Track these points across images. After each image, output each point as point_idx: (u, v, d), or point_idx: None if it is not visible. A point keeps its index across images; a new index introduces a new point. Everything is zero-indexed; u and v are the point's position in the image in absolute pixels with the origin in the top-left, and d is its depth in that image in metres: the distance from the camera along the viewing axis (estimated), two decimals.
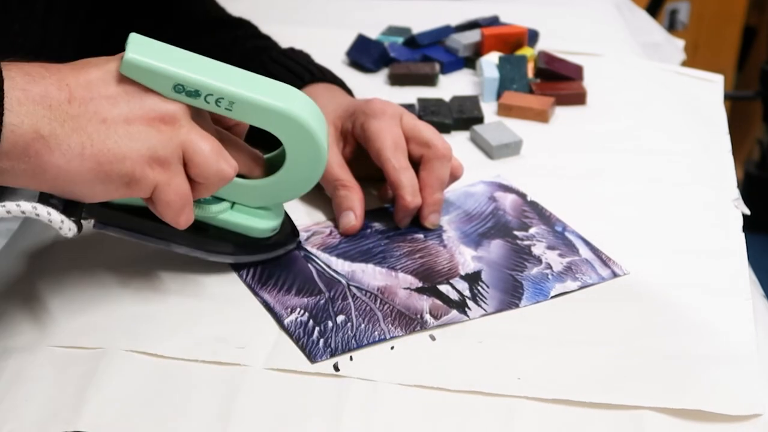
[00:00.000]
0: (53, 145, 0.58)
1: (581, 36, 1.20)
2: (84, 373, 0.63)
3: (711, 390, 0.61)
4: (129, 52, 0.61)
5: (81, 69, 0.61)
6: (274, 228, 0.72)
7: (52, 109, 0.58)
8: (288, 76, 0.88)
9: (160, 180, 0.62)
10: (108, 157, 0.60)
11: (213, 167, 0.63)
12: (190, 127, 0.63)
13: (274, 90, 0.66)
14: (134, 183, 0.61)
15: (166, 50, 0.64)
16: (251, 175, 0.70)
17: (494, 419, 0.60)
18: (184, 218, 0.64)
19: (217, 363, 0.64)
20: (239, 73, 0.66)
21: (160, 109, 0.62)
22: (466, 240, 0.77)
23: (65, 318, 0.67)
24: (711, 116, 1.00)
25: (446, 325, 0.68)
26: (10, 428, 0.59)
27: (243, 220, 0.70)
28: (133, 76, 0.61)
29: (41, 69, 0.60)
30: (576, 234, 0.78)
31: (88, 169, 0.60)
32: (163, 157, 0.61)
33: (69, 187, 0.61)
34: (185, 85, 0.62)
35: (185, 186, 0.63)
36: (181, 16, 0.95)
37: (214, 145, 0.63)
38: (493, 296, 0.71)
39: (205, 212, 0.69)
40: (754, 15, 2.50)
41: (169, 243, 0.69)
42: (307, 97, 0.68)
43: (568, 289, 0.72)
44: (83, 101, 0.60)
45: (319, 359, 0.64)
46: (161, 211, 0.63)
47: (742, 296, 0.71)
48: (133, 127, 0.61)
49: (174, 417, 0.60)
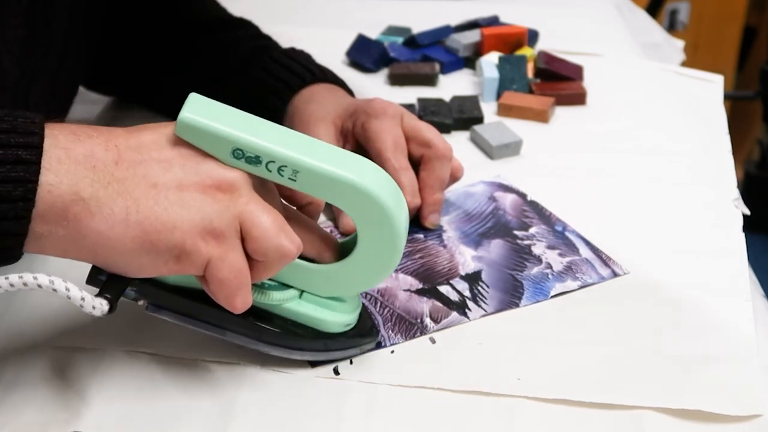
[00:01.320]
0: (94, 209, 0.53)
1: (581, 36, 1.20)
2: (84, 373, 0.63)
3: (711, 390, 0.61)
4: (185, 112, 0.56)
5: (134, 131, 0.57)
6: (349, 323, 0.64)
7: (96, 171, 0.53)
8: (289, 76, 0.88)
9: (214, 254, 0.55)
10: (155, 226, 0.54)
11: (273, 242, 0.56)
12: (251, 197, 0.56)
13: (345, 160, 0.58)
14: (185, 256, 0.55)
15: (226, 111, 0.57)
16: (321, 259, 0.63)
17: (494, 419, 0.60)
18: (240, 300, 0.57)
19: (217, 363, 0.64)
20: (307, 141, 0.59)
21: (218, 175, 0.56)
22: (466, 240, 0.77)
23: (65, 318, 0.67)
24: (711, 116, 1.00)
25: (455, 326, 0.68)
26: (10, 428, 0.59)
27: (312, 311, 0.62)
28: (189, 138, 0.56)
29: (89, 129, 0.55)
30: (576, 234, 0.78)
31: (133, 237, 0.54)
32: (218, 228, 0.55)
33: (112, 257, 0.55)
34: (245, 149, 0.56)
35: (242, 263, 0.56)
36: (181, 17, 0.95)
37: (276, 218, 0.56)
38: (493, 296, 0.71)
39: (267, 299, 0.61)
40: (754, 15, 2.50)
41: (226, 332, 0.61)
42: (383, 172, 0.60)
43: (568, 288, 0.72)
44: (132, 164, 0.55)
45: (318, 364, 0.64)
46: (214, 291, 0.57)
47: (742, 296, 0.71)
48: (187, 194, 0.55)
49: (174, 418, 0.60)
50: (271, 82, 0.88)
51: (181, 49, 0.94)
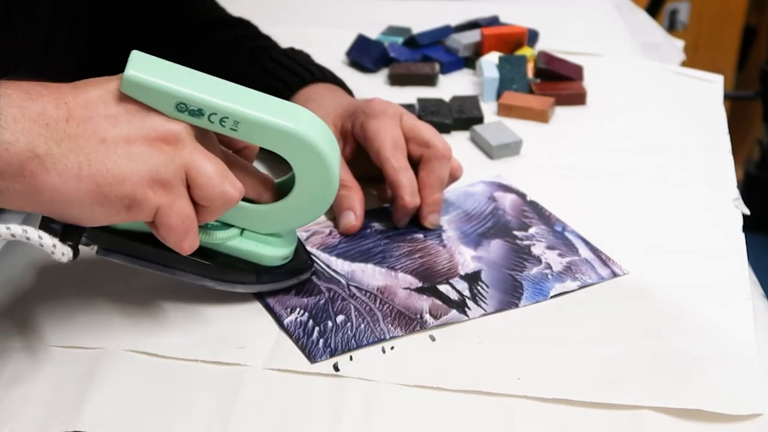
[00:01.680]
0: (49, 165, 0.56)
1: (581, 36, 1.20)
2: (84, 373, 0.63)
3: (711, 390, 0.61)
4: (129, 69, 0.59)
5: (81, 88, 0.59)
6: (286, 256, 0.69)
7: (49, 128, 0.56)
8: (288, 76, 0.88)
9: (162, 202, 0.59)
10: (107, 178, 0.57)
11: (217, 189, 0.60)
12: (194, 147, 0.60)
13: (281, 109, 0.63)
14: (135, 205, 0.59)
15: (168, 68, 0.61)
16: (260, 200, 0.67)
17: (494, 419, 0.60)
18: (188, 243, 0.61)
19: (217, 363, 0.64)
20: (245, 92, 0.63)
21: (163, 128, 0.59)
22: (465, 240, 0.77)
23: (65, 318, 0.67)
24: (711, 116, 1.00)
25: (446, 325, 0.68)
26: (10, 428, 0.59)
27: (252, 247, 0.67)
28: (134, 94, 0.59)
29: (40, 87, 0.58)
30: (576, 234, 0.78)
31: (86, 191, 0.57)
32: (165, 178, 0.59)
33: (66, 210, 0.58)
34: (188, 103, 0.60)
35: (189, 209, 0.60)
36: (181, 17, 0.95)
37: (219, 166, 0.60)
38: (492, 296, 0.71)
39: (211, 238, 0.66)
40: (754, 15, 2.50)
41: (175, 270, 0.66)
42: (317, 117, 0.65)
43: (567, 288, 0.72)
44: (82, 120, 0.58)
45: (318, 359, 0.64)
46: (164, 236, 0.61)
47: (742, 296, 0.71)
48: (134, 147, 0.58)
49: (174, 417, 0.60)
50: (271, 81, 0.88)
51: (181, 49, 0.93)
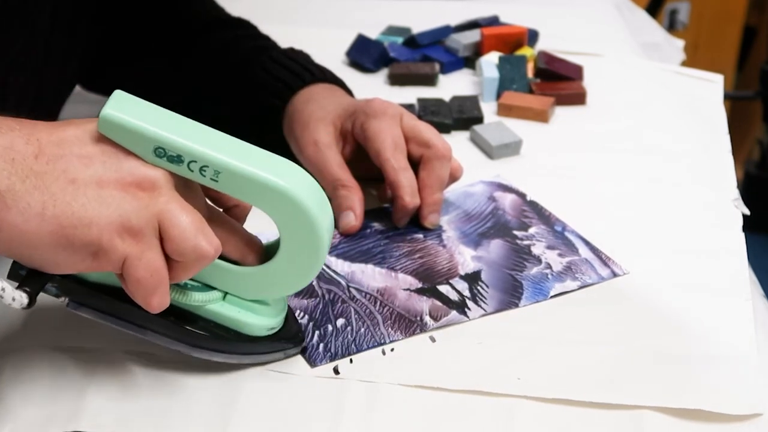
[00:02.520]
0: (10, 202, 0.52)
1: (581, 36, 1.20)
2: (84, 373, 0.63)
3: (711, 390, 0.61)
4: (107, 108, 0.55)
5: (58, 126, 0.56)
6: (272, 327, 0.63)
7: (15, 163, 0.53)
8: (288, 76, 0.88)
9: (131, 252, 0.55)
10: (71, 221, 0.53)
11: (191, 242, 0.55)
12: (170, 196, 0.56)
13: (269, 162, 0.58)
14: (101, 253, 0.55)
15: (150, 110, 0.57)
16: (245, 262, 0.62)
17: (494, 419, 0.60)
18: (156, 300, 0.56)
19: (217, 363, 0.64)
20: (232, 142, 0.58)
21: (139, 173, 0.55)
22: (465, 240, 0.77)
23: (65, 318, 0.67)
24: (711, 116, 1.00)
25: (446, 326, 0.68)
26: (10, 428, 0.59)
27: (235, 313, 0.62)
28: (111, 135, 0.55)
29: (11, 122, 0.55)
30: (575, 234, 0.78)
31: (49, 232, 0.53)
32: (136, 226, 0.55)
33: (28, 251, 0.54)
34: (166, 148, 0.55)
35: (159, 262, 0.56)
36: (180, 17, 0.95)
37: (195, 218, 0.56)
38: (492, 296, 0.71)
39: (188, 299, 0.60)
40: (754, 15, 2.50)
41: (146, 331, 0.61)
42: (308, 175, 0.60)
43: (567, 288, 0.72)
44: (52, 158, 0.54)
45: (318, 364, 0.64)
46: (131, 289, 0.56)
47: (742, 296, 0.71)
48: (106, 191, 0.55)
49: (174, 417, 0.60)
50: (271, 82, 0.88)
51: (181, 50, 0.94)
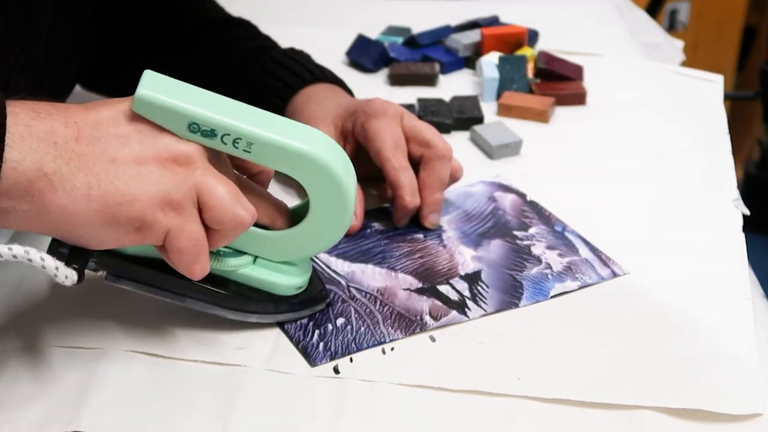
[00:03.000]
0: (57, 184, 0.55)
1: (581, 36, 1.20)
2: (84, 373, 0.63)
3: (711, 390, 0.61)
4: (141, 89, 0.58)
5: (92, 108, 0.58)
6: (300, 286, 0.67)
7: (58, 147, 0.55)
8: (289, 75, 0.88)
9: (173, 224, 0.58)
10: (116, 199, 0.56)
11: (228, 211, 0.58)
12: (206, 169, 0.59)
13: (297, 131, 0.61)
14: (145, 227, 0.57)
15: (181, 87, 0.60)
16: (274, 226, 0.65)
17: (494, 419, 0.60)
18: (198, 267, 0.59)
19: (217, 363, 0.64)
20: (260, 114, 0.61)
21: (174, 149, 0.58)
22: (465, 240, 0.77)
23: (65, 318, 0.67)
24: (711, 116, 1.00)
25: (446, 326, 0.68)
26: (10, 428, 0.59)
27: (266, 275, 0.65)
28: (146, 114, 0.58)
29: (49, 107, 0.57)
30: (575, 234, 0.78)
31: (95, 211, 0.56)
32: (176, 200, 0.57)
33: (75, 231, 0.57)
34: (200, 123, 0.58)
35: (200, 232, 0.59)
36: (181, 17, 0.95)
37: (231, 188, 0.59)
38: (492, 296, 0.71)
39: (222, 265, 0.63)
40: (754, 15, 2.50)
41: (185, 298, 0.64)
42: (332, 140, 0.63)
43: (567, 288, 0.72)
44: (91, 140, 0.56)
45: (319, 363, 0.64)
46: (174, 260, 0.59)
47: (742, 296, 0.71)
48: (145, 168, 0.57)
49: (174, 417, 0.60)
50: (271, 81, 0.88)
51: (181, 49, 0.94)
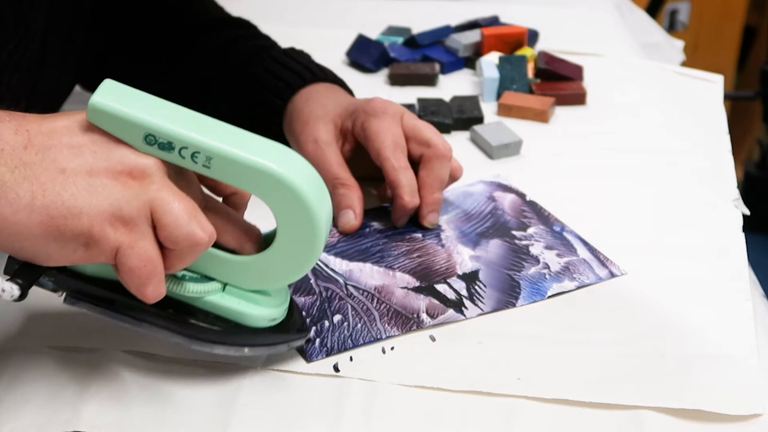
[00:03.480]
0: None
1: (581, 36, 1.20)
2: (84, 373, 0.63)
3: (711, 390, 0.61)
4: (96, 96, 0.54)
5: (47, 117, 0.56)
6: (274, 317, 0.61)
7: (4, 154, 0.52)
8: (289, 75, 0.88)
9: (123, 241, 0.54)
10: (62, 211, 0.53)
11: (183, 230, 0.54)
12: (162, 184, 0.55)
13: (262, 147, 0.57)
14: (93, 243, 0.54)
15: (140, 97, 0.56)
16: (242, 251, 0.61)
17: (494, 419, 0.60)
18: (151, 290, 0.55)
19: (217, 363, 0.64)
20: (224, 128, 0.57)
21: (129, 161, 0.55)
22: (464, 239, 0.77)
23: (65, 318, 0.67)
24: (711, 116, 1.00)
25: (444, 325, 0.68)
26: (10, 428, 0.59)
27: (235, 305, 0.60)
28: (101, 123, 0.55)
29: (1, 114, 0.54)
30: (574, 234, 0.78)
31: (38, 223, 0.52)
32: (127, 215, 0.54)
33: (17, 242, 0.53)
34: (157, 135, 0.55)
35: (153, 251, 0.55)
36: (180, 17, 0.95)
37: (188, 205, 0.55)
38: (490, 296, 0.71)
39: (184, 290, 0.59)
40: (754, 15, 2.50)
41: (142, 323, 0.59)
42: (304, 160, 0.59)
43: (565, 288, 0.72)
44: (42, 148, 0.54)
45: (314, 359, 0.64)
46: (125, 279, 0.55)
47: (742, 296, 0.71)
48: (96, 180, 0.54)
49: (174, 417, 0.60)
50: (272, 81, 0.88)
51: (181, 49, 0.94)
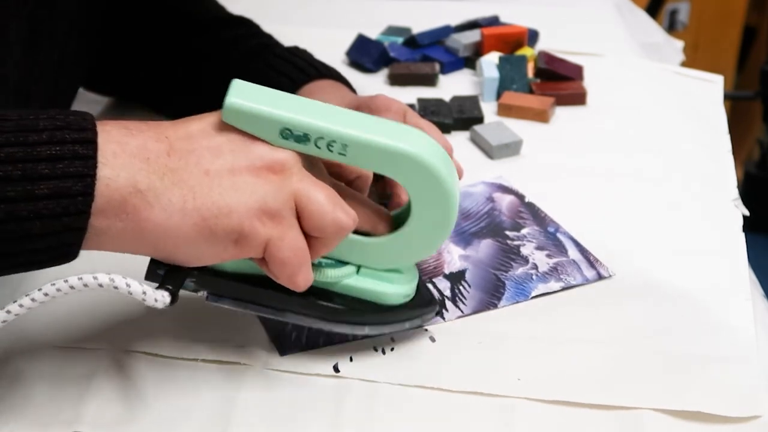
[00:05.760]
0: (152, 200, 0.54)
1: (581, 36, 1.20)
2: (84, 373, 0.63)
3: (711, 391, 0.61)
4: (231, 97, 0.57)
5: (180, 123, 0.57)
6: (408, 294, 0.64)
7: (150, 162, 0.54)
8: (292, 71, 0.88)
9: (273, 235, 0.56)
10: (213, 211, 0.55)
11: (329, 216, 0.57)
12: (302, 175, 0.57)
13: (393, 131, 0.59)
14: (243, 239, 0.56)
15: (270, 94, 0.58)
16: (375, 232, 0.63)
17: (494, 419, 0.60)
18: (302, 278, 0.58)
19: (217, 363, 0.64)
20: (352, 115, 0.59)
21: (268, 157, 0.56)
22: (456, 239, 0.77)
23: (65, 318, 0.67)
24: (711, 116, 1.00)
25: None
26: (10, 428, 0.59)
27: (371, 285, 0.63)
28: (236, 123, 0.57)
29: (139, 124, 0.56)
30: (567, 235, 0.78)
31: (192, 225, 0.55)
32: (274, 209, 0.56)
33: (172, 247, 0.56)
34: (293, 129, 0.57)
35: (301, 240, 0.57)
36: (181, 16, 0.95)
37: (330, 193, 0.57)
38: (473, 296, 0.70)
39: (324, 276, 0.61)
40: (754, 15, 2.50)
41: (287, 313, 0.62)
42: (432, 139, 0.60)
43: (551, 289, 0.71)
44: (184, 153, 0.55)
45: (288, 353, 0.64)
46: (275, 271, 0.57)
47: (742, 296, 0.71)
48: (239, 178, 0.56)
49: (174, 417, 0.60)
50: (275, 77, 0.88)
51: (182, 48, 0.94)
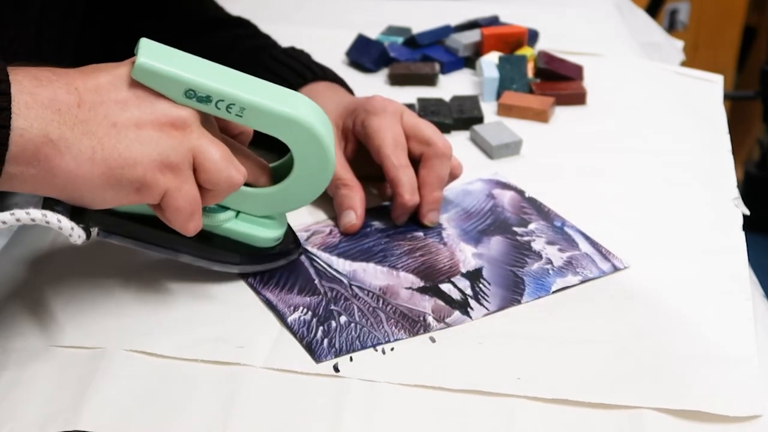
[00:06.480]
0: (63, 149, 0.57)
1: (581, 36, 1.20)
2: (84, 373, 0.63)
3: (711, 390, 0.61)
4: (141, 57, 0.61)
5: (90, 73, 0.61)
6: (278, 238, 0.72)
7: (61, 113, 0.57)
8: (290, 74, 0.88)
9: (171, 186, 0.61)
10: (119, 162, 0.59)
11: (223, 173, 0.62)
12: (201, 132, 0.62)
13: (283, 96, 0.66)
14: (145, 188, 0.61)
15: (177, 56, 0.63)
16: (257, 184, 0.70)
17: (494, 419, 0.60)
18: (193, 225, 0.63)
19: (217, 363, 0.64)
20: (249, 80, 0.66)
21: (172, 114, 0.61)
22: (465, 237, 0.77)
23: (66, 318, 0.67)
24: (711, 116, 1.00)
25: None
26: (10, 428, 0.59)
27: (247, 229, 0.70)
28: (145, 80, 0.61)
29: (49, 73, 0.59)
30: (575, 228, 0.78)
31: (99, 174, 0.59)
32: (174, 162, 0.61)
33: (79, 193, 0.60)
34: (197, 90, 0.62)
35: (195, 192, 0.62)
36: (180, 16, 0.95)
37: (224, 151, 0.63)
38: (494, 293, 0.71)
39: (211, 221, 0.68)
40: (754, 15, 2.50)
41: (174, 252, 0.69)
42: (315, 104, 0.68)
43: (569, 283, 0.72)
44: (93, 105, 0.59)
45: (323, 359, 0.64)
46: (170, 218, 0.63)
47: (742, 296, 0.71)
48: (144, 132, 0.60)
49: (174, 417, 0.60)
50: (272, 79, 0.87)
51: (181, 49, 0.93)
